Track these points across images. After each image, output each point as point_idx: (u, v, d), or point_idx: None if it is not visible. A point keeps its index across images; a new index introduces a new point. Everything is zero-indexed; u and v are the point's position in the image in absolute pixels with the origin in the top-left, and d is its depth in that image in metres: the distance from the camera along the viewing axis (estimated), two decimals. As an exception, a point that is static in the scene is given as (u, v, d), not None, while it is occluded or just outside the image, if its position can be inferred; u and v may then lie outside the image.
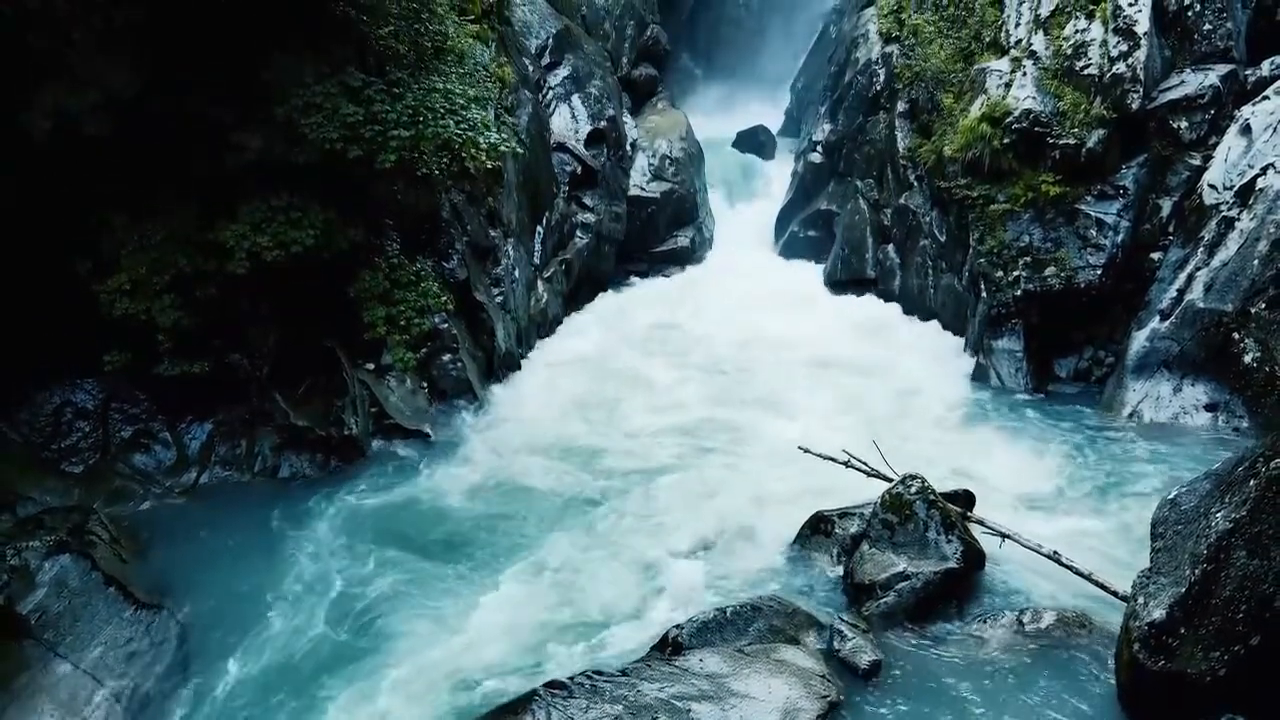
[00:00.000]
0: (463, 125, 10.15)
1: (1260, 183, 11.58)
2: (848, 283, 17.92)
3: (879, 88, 18.17)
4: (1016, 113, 13.31)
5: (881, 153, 17.86)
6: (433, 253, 12.25)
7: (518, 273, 14.46)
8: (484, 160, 10.88)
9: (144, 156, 9.42)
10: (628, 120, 20.03)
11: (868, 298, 17.35)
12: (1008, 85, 13.84)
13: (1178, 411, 11.66)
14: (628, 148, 19.48)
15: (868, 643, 7.30)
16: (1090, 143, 12.99)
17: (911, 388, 13.40)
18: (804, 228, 19.82)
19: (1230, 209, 11.75)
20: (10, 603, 7.41)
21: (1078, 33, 13.45)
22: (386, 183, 10.82)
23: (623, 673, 6.70)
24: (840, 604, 8.09)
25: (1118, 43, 13.11)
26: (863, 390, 13.31)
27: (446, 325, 12.00)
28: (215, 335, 10.02)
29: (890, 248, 17.22)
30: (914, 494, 8.41)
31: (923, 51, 16.07)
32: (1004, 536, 8.49)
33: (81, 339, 9.56)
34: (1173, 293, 12.02)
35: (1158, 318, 12.06)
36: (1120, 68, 12.99)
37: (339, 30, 10.29)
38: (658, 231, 19.50)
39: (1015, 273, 13.34)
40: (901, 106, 16.79)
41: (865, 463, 9.62)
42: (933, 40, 15.99)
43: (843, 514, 8.90)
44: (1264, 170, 11.63)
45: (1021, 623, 7.59)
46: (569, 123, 17.78)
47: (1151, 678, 6.10)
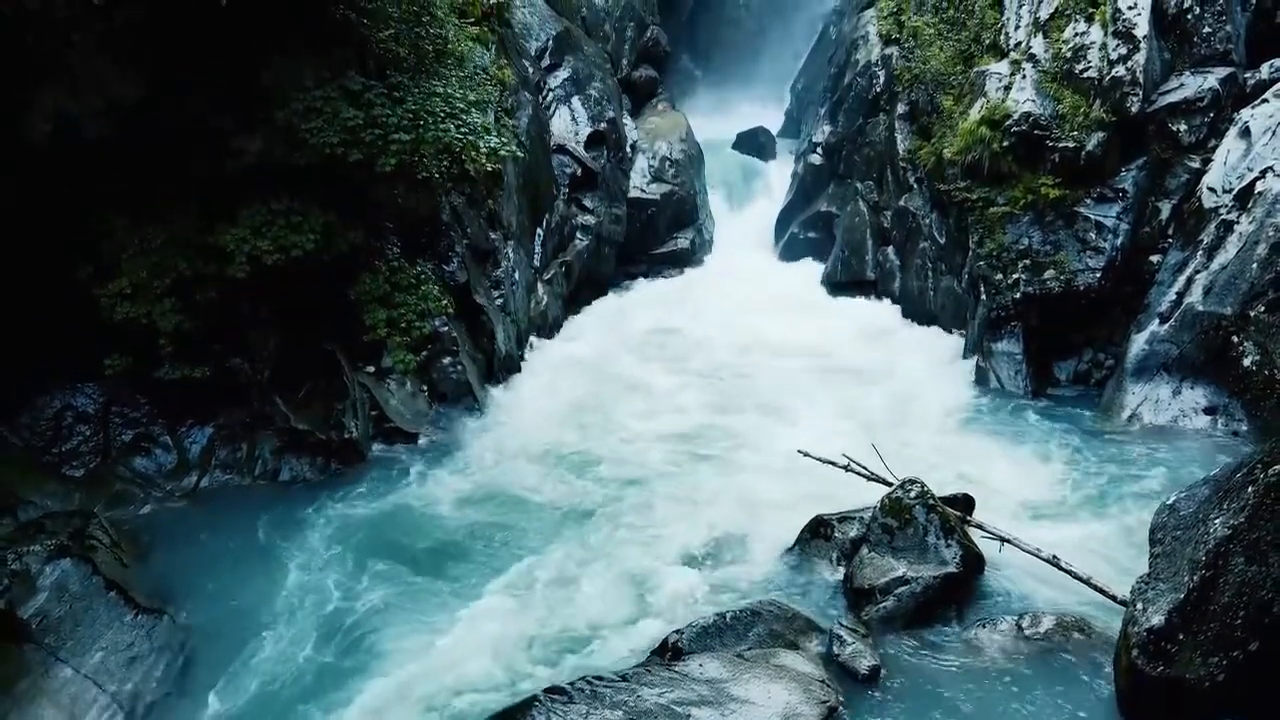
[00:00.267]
0: (463, 129, 10.17)
1: (1259, 186, 11.58)
2: (847, 284, 17.93)
3: (879, 89, 18.18)
4: (1016, 115, 13.32)
5: (881, 155, 17.87)
6: (433, 256, 12.27)
7: (518, 275, 14.47)
8: (484, 164, 10.90)
9: (144, 160, 9.43)
10: (628, 122, 20.04)
11: (867, 300, 17.37)
12: (1007, 88, 13.84)
13: (1177, 414, 11.66)
14: (628, 149, 19.50)
15: (867, 648, 7.31)
16: (1090, 146, 13.00)
17: (911, 390, 13.40)
18: (804, 229, 19.83)
19: (1229, 212, 11.75)
20: (11, 607, 7.40)
21: (1077, 36, 13.45)
22: (387, 186, 10.83)
23: (622, 678, 6.70)
24: (840, 608, 8.10)
25: (1117, 46, 13.11)
26: (862, 393, 13.31)
27: (447, 328, 12.01)
28: (216, 339, 10.03)
29: (890, 250, 17.23)
30: (913, 498, 8.42)
31: (922, 54, 16.07)
32: (1003, 541, 8.50)
33: (82, 343, 9.57)
34: (1172, 296, 12.02)
35: (1157, 320, 12.06)
36: (1120, 71, 13.00)
37: (339, 33, 10.31)
38: (658, 233, 19.51)
39: (1015, 275, 13.35)
40: (901, 108, 16.80)
41: (865, 467, 9.63)
42: (932, 42, 15.99)
43: (842, 518, 8.90)
44: (1263, 173, 11.62)
45: (1021, 627, 7.59)
46: (569, 125, 17.80)
47: (1150, 683, 6.11)
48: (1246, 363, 11.08)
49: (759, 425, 12.26)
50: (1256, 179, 11.64)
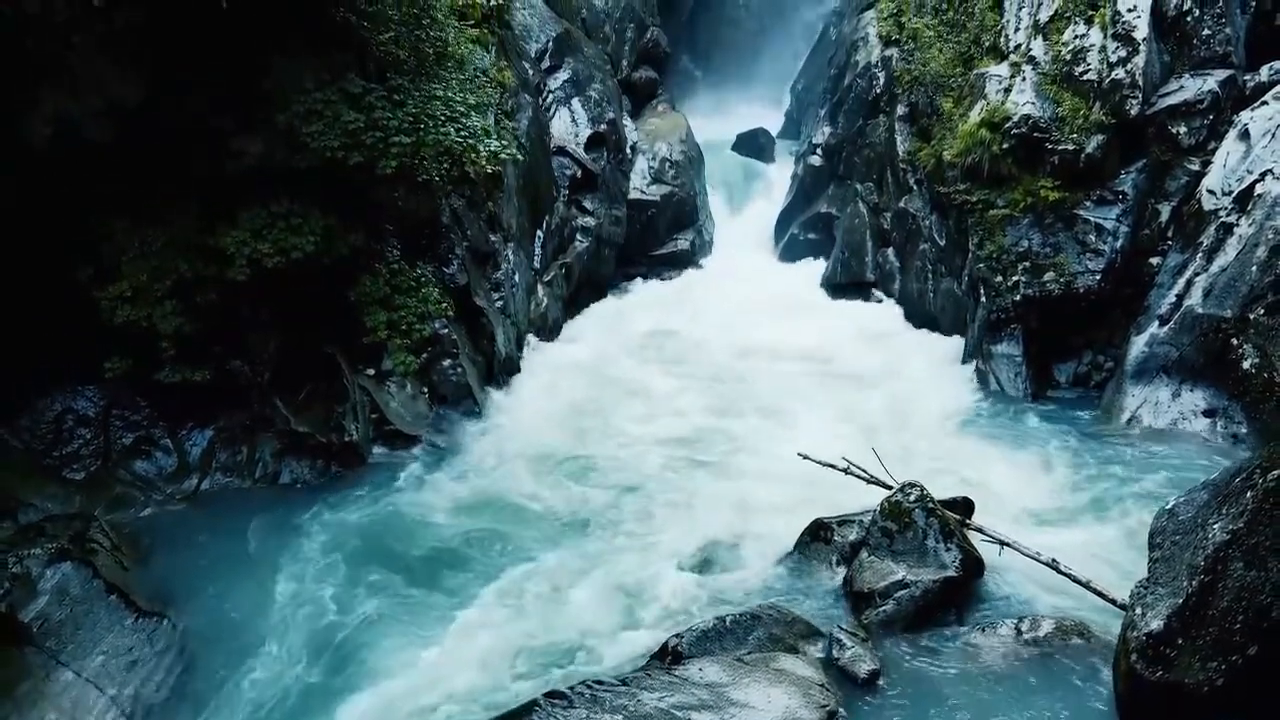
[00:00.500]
0: (463, 133, 10.18)
1: (1259, 188, 11.58)
2: (847, 286, 17.93)
3: (879, 91, 18.18)
4: (1016, 118, 13.32)
5: (881, 156, 17.88)
6: (433, 258, 12.27)
7: (518, 277, 14.48)
8: (485, 167, 10.91)
9: (144, 161, 9.42)
10: (628, 123, 20.04)
11: (867, 301, 17.37)
12: (1007, 90, 13.85)
13: (1176, 417, 11.67)
14: (628, 151, 19.49)
15: (866, 651, 7.32)
16: (1089, 148, 13.00)
17: (911, 392, 13.40)
18: (804, 230, 19.84)
19: (1229, 214, 11.75)
20: (12, 610, 7.42)
21: (1077, 38, 13.46)
22: (387, 188, 10.84)
23: (622, 682, 6.71)
24: (839, 612, 8.10)
25: (1116, 48, 13.12)
26: (861, 396, 13.32)
27: (447, 330, 12.01)
28: (216, 341, 10.03)
29: (890, 251, 17.24)
30: (913, 502, 8.43)
31: (922, 55, 16.07)
32: (1002, 544, 8.51)
33: (82, 345, 9.57)
34: (1171, 298, 12.03)
35: (1157, 323, 12.07)
36: (1119, 73, 13.01)
37: (339, 36, 10.31)
38: (658, 234, 19.51)
39: (1014, 278, 13.35)
40: (901, 110, 16.80)
41: (864, 470, 9.64)
42: (932, 44, 16.00)
43: (842, 521, 8.91)
44: (1262, 176, 11.62)
45: (1020, 631, 7.59)
46: (569, 126, 17.80)
47: (1149, 688, 6.12)
48: (1246, 365, 11.08)
49: (758, 428, 12.27)
50: (1256, 181, 11.63)
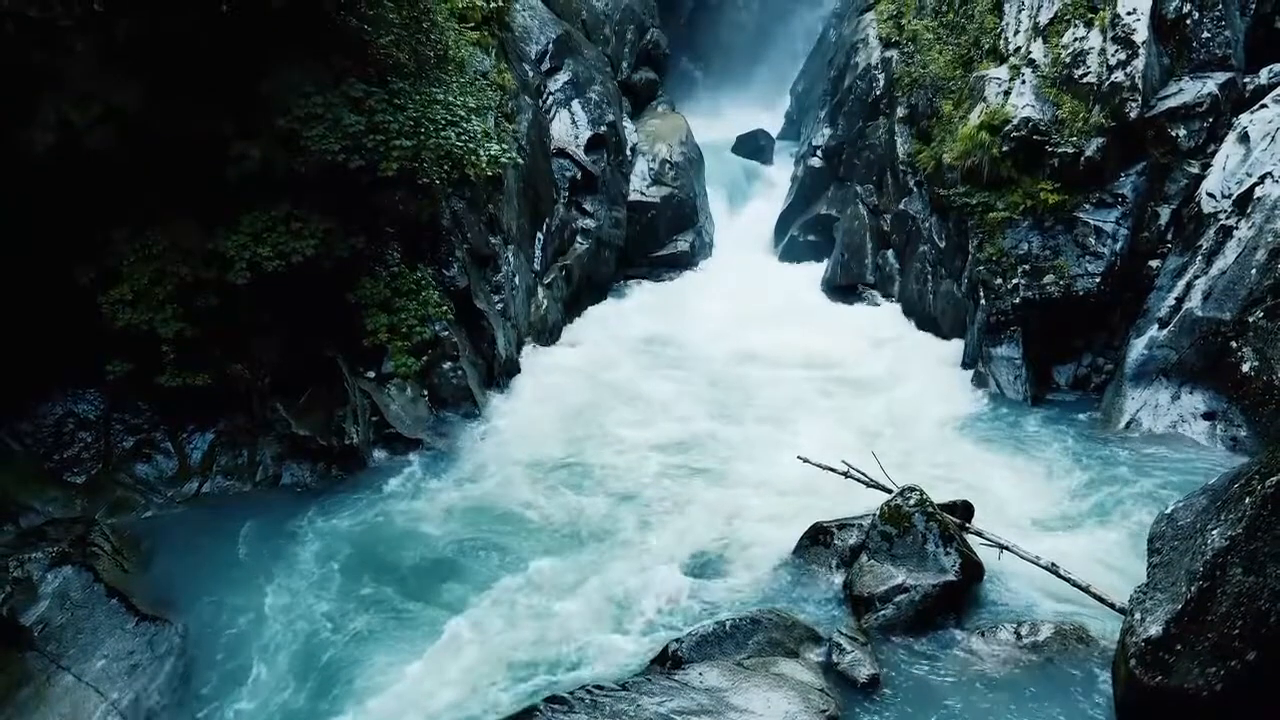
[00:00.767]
0: (464, 137, 10.22)
1: (1258, 191, 11.60)
2: (847, 287, 17.94)
3: (878, 93, 18.21)
4: (1015, 121, 13.33)
5: (881, 158, 17.90)
6: (433, 261, 12.28)
7: (518, 280, 14.49)
8: (485, 170, 10.93)
9: (145, 166, 9.45)
10: (628, 125, 20.06)
11: (867, 303, 17.37)
12: (1007, 93, 13.86)
13: (1176, 420, 11.67)
14: (628, 152, 19.51)
15: (866, 656, 7.34)
16: (1089, 151, 13.02)
17: (910, 395, 13.41)
18: (804, 232, 19.86)
19: (1228, 217, 11.77)
20: (13, 614, 7.46)
21: (1076, 41, 13.47)
22: (387, 192, 10.86)
23: (623, 687, 6.73)
24: (839, 616, 8.11)
25: (1116, 51, 13.13)
26: (861, 399, 13.33)
27: (447, 333, 12.02)
28: (217, 345, 10.04)
29: (890, 253, 17.26)
30: (912, 506, 8.45)
31: (922, 57, 16.10)
32: (1002, 548, 8.52)
33: (83, 349, 9.60)
34: (1171, 301, 12.04)
35: (1156, 326, 12.08)
36: (1119, 76, 13.02)
37: (340, 40, 10.33)
38: (658, 236, 19.52)
39: (1014, 280, 13.37)
40: (901, 112, 16.82)
41: (864, 473, 9.65)
42: (932, 46, 16.02)
43: (842, 525, 8.92)
44: (1262, 179, 11.64)
45: (1020, 635, 7.62)
46: (569, 128, 17.80)
47: (1148, 693, 6.13)
48: (1245, 368, 11.08)
49: (757, 432, 12.25)
50: (1255, 184, 11.65)
